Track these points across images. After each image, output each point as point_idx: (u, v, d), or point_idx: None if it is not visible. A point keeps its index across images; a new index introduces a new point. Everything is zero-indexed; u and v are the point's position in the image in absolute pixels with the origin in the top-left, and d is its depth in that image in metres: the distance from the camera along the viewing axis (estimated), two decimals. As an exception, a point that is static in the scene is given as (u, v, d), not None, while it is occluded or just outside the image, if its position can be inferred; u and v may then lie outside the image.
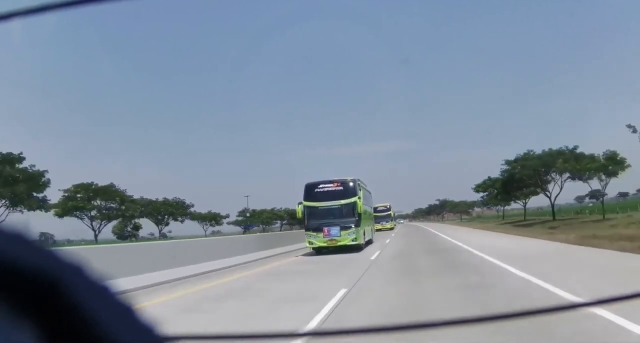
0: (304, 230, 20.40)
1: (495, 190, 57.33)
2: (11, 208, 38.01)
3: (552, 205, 47.64)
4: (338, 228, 19.00)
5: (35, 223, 43.34)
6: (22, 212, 38.41)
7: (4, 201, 37.54)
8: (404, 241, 26.86)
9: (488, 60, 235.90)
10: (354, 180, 20.42)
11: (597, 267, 10.19)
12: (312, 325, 5.89)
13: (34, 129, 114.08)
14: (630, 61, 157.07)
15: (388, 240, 27.67)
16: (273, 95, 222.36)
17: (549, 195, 46.94)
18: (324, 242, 19.03)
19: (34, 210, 38.45)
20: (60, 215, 47.03)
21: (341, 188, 19.91)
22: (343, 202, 19.61)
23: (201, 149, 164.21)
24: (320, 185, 20.09)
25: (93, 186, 49.98)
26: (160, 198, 60.44)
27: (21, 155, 38.02)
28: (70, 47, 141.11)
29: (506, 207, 71.66)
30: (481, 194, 66.29)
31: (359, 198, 19.88)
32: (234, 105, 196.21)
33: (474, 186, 64.76)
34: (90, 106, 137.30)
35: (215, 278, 12.21)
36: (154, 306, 8.08)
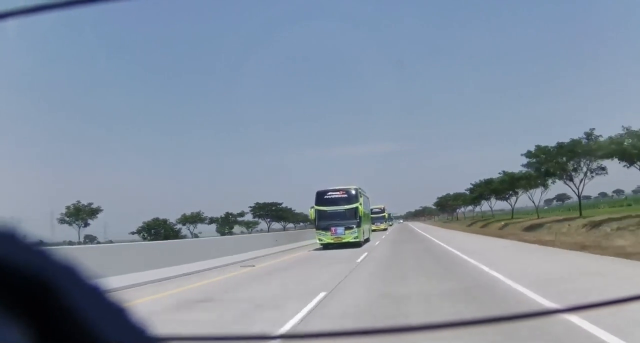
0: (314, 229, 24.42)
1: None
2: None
3: (456, 214, 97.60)
4: (343, 228, 22.54)
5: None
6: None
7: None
8: (397, 228, 66.62)
9: (482, 63, 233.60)
10: (356, 189, 23.84)
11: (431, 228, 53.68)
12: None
13: (27, 130, 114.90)
14: (622, 62, 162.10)
15: (388, 231, 50.77)
16: (267, 96, 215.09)
17: (456, 212, 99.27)
18: (331, 239, 22.63)
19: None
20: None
21: (346, 195, 23.37)
22: (347, 207, 23.03)
23: (196, 149, 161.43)
24: (329, 193, 23.57)
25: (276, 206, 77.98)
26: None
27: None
28: (63, 47, 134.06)
29: (484, 207, 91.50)
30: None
31: (360, 204, 23.44)
32: (229, 106, 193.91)
33: (433, 203, 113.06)
34: (84, 107, 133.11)
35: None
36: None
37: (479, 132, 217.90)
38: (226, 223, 68.57)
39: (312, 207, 23.83)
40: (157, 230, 56.16)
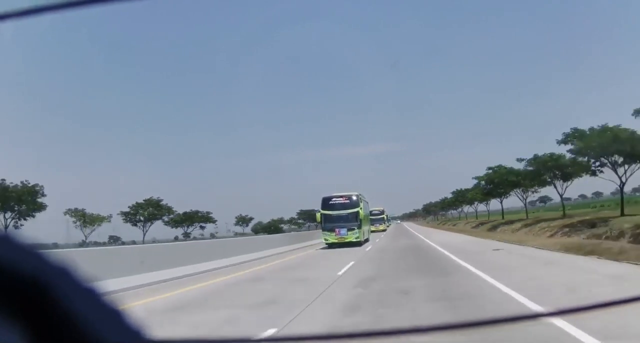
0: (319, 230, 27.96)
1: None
2: None
3: (436, 216, 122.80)
4: (346, 229, 25.47)
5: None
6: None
7: None
8: (394, 226, 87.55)
9: (477, 63, 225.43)
10: (357, 195, 26.89)
11: (415, 226, 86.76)
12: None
13: (24, 134, 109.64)
14: (617, 63, 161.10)
15: (386, 230, 59.89)
16: (263, 97, 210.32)
17: (437, 214, 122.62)
18: (336, 239, 25.46)
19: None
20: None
21: (348, 201, 26.30)
22: (349, 211, 25.88)
23: (190, 151, 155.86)
24: (333, 199, 26.63)
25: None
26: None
27: None
28: (55, 48, 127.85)
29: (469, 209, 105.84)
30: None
31: (361, 208, 26.37)
32: (224, 108, 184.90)
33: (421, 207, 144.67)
34: (78, 109, 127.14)
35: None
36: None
37: (476, 132, 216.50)
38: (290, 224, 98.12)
39: (319, 211, 27.29)
40: (271, 228, 79.35)
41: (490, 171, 41.14)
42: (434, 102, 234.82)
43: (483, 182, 44.55)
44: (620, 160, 24.08)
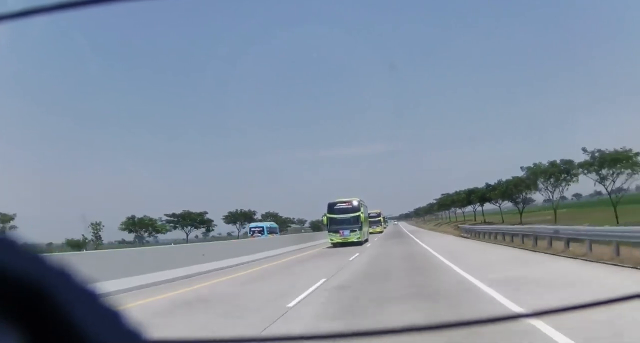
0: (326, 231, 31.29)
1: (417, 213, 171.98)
2: None
3: (424, 217, 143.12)
4: (348, 231, 28.96)
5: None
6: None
7: None
8: (391, 227, 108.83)
9: (474, 64, 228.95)
10: (358, 201, 30.70)
11: (407, 225, 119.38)
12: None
13: (20, 134, 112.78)
14: (613, 64, 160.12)
15: (383, 232, 67.38)
16: (260, 99, 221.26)
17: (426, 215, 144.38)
18: (340, 240, 28.84)
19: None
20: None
21: (350, 206, 29.97)
22: (352, 214, 29.47)
23: (187, 152, 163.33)
24: (338, 204, 30.38)
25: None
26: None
27: None
28: (52, 50, 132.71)
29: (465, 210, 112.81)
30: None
31: (362, 212, 30.10)
32: (221, 109, 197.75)
33: (413, 209, 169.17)
34: (75, 110, 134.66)
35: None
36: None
37: (475, 133, 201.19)
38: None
39: (325, 215, 31.12)
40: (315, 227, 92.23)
41: (442, 196, 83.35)
42: (432, 103, 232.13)
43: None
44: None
